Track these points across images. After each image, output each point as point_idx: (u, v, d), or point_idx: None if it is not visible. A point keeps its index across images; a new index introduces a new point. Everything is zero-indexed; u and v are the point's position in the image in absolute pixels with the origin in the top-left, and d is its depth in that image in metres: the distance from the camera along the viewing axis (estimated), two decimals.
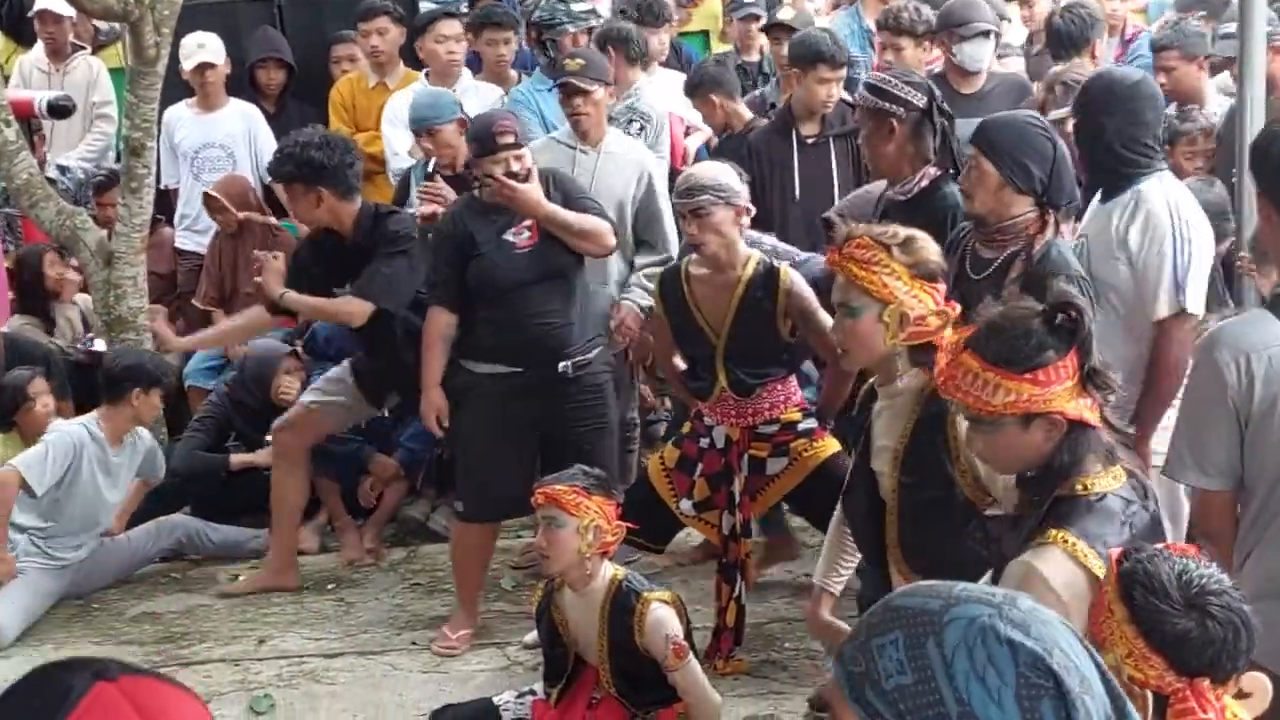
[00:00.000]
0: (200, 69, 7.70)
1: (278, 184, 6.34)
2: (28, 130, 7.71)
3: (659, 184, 6.10)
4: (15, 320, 7.33)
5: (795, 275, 5.07)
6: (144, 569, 6.42)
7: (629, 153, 6.16)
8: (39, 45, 8.54)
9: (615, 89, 6.52)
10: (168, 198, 7.85)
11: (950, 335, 3.08)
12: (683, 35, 9.26)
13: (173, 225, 7.91)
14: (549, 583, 4.38)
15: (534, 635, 4.95)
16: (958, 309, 3.47)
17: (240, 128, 7.80)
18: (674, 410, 6.75)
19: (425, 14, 7.77)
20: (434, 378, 5.41)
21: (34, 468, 5.87)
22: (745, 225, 5.09)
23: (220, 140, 7.77)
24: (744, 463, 5.09)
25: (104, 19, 7.96)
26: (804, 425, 5.10)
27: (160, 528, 6.44)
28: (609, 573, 4.24)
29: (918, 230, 3.59)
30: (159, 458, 6.38)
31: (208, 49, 7.71)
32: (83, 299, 7.46)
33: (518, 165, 5.26)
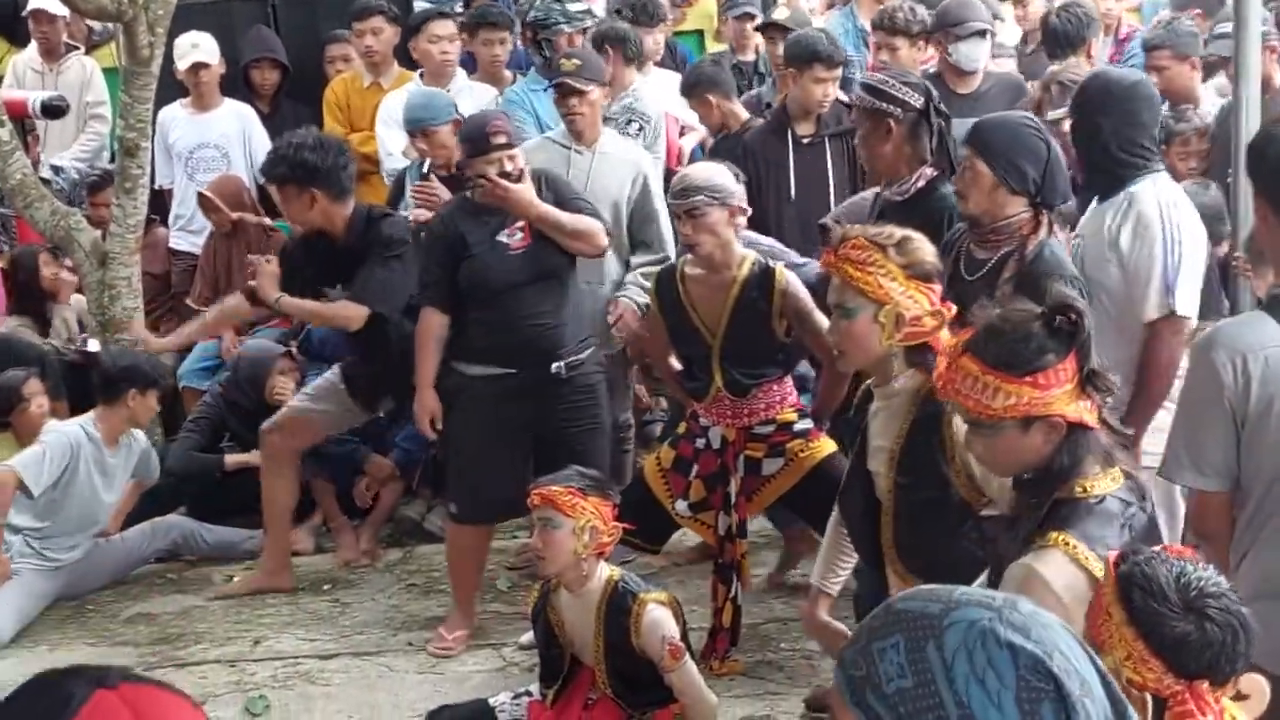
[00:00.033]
0: (194, 69, 7.68)
1: (271, 185, 6.34)
2: (21, 130, 7.69)
3: (654, 184, 6.09)
4: (10, 321, 7.32)
5: (790, 275, 5.07)
6: (139, 570, 6.42)
7: (624, 153, 6.15)
8: (33, 45, 8.52)
9: (612, 89, 6.51)
10: (162, 198, 7.84)
11: (949, 338, 3.08)
12: (677, 35, 9.25)
13: (167, 225, 7.90)
14: (545, 584, 4.38)
15: (530, 636, 4.95)
16: (953, 309, 3.47)
17: (235, 128, 7.79)
18: (670, 411, 6.74)
19: (419, 14, 7.77)
20: (427, 379, 5.40)
21: (31, 468, 5.86)
22: (741, 226, 5.08)
23: (215, 140, 7.76)
24: (740, 463, 5.08)
25: (98, 19, 7.94)
26: (800, 426, 5.09)
27: (155, 529, 6.43)
28: (605, 574, 4.24)
29: (913, 231, 3.59)
30: (153, 459, 6.37)
31: (202, 49, 7.70)
32: (78, 300, 7.45)
33: (510, 165, 5.24)
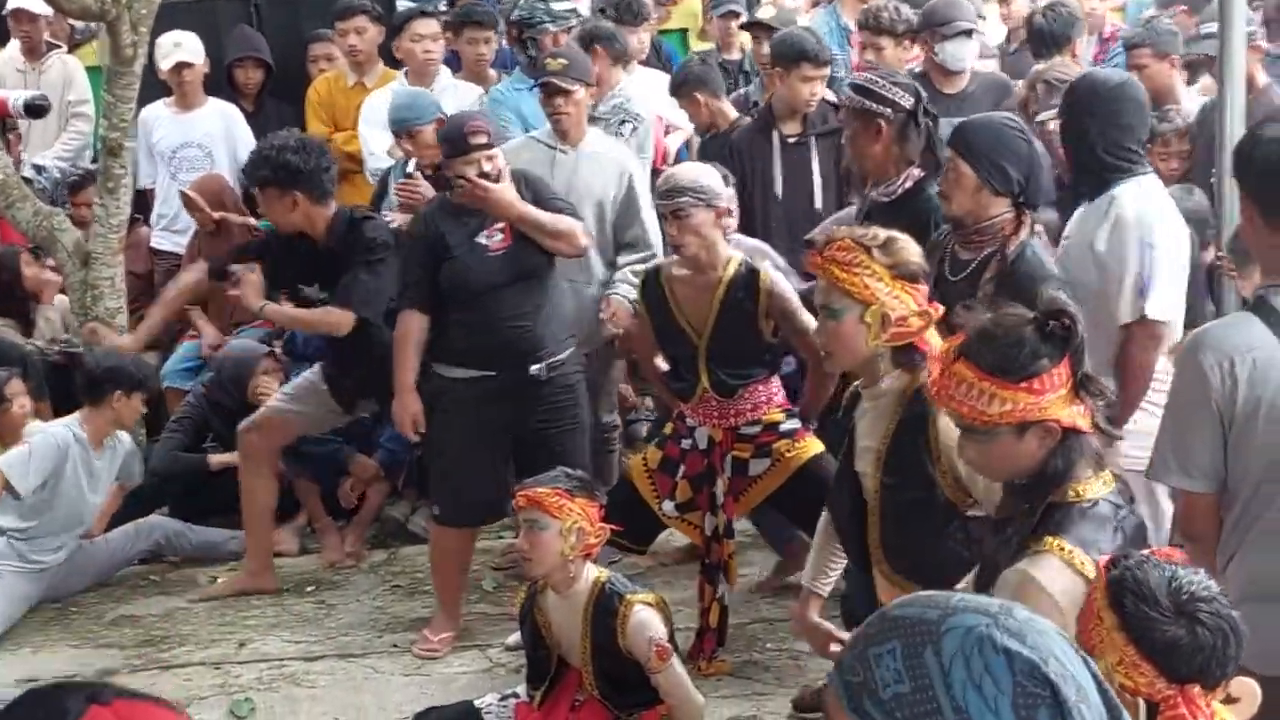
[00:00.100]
0: (178, 68, 7.64)
1: (253, 187, 6.30)
2: (2, 129, 7.66)
3: (639, 184, 6.07)
4: None
5: (776, 276, 5.08)
6: (122, 571, 6.39)
7: (609, 152, 6.13)
8: (14, 44, 8.48)
9: (598, 88, 6.50)
10: (145, 197, 7.81)
11: (941, 344, 3.08)
12: (662, 33, 9.23)
13: (150, 225, 7.87)
14: (532, 585, 4.37)
15: (516, 637, 4.95)
16: (940, 310, 3.48)
17: (219, 127, 7.75)
18: (656, 411, 6.74)
19: (402, 13, 7.75)
20: (407, 382, 5.37)
21: (17, 469, 5.84)
22: (731, 228, 5.08)
23: (198, 140, 7.72)
24: (726, 464, 5.08)
25: (81, 18, 7.92)
26: (786, 426, 5.09)
27: (139, 530, 6.40)
28: (592, 575, 4.23)
29: (898, 232, 3.59)
30: (137, 461, 6.34)
31: (185, 48, 7.66)
32: (62, 300, 7.42)
33: (489, 166, 5.22)
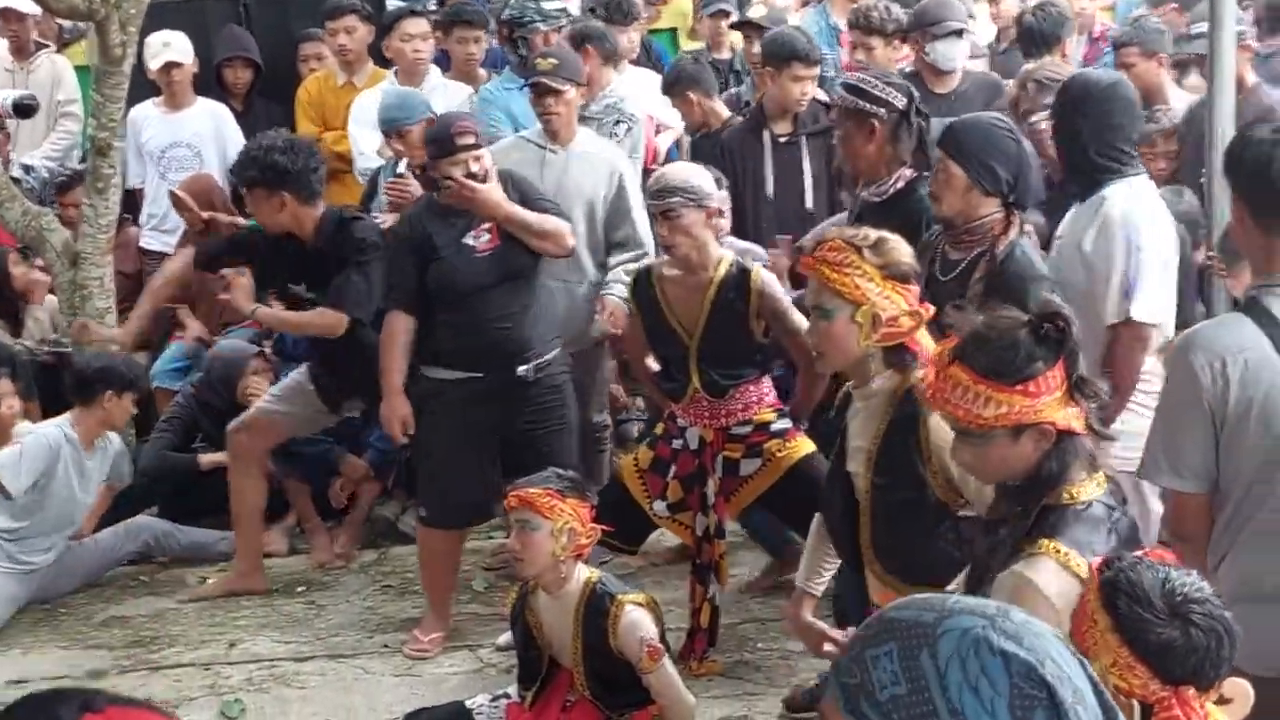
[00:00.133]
0: (166, 68, 7.62)
1: (241, 187, 6.29)
2: None
3: (630, 184, 6.06)
4: None
5: (768, 276, 5.09)
6: (112, 572, 6.37)
7: (599, 152, 6.12)
8: (2, 43, 8.45)
9: (590, 88, 6.49)
10: (134, 197, 7.79)
11: (935, 346, 3.08)
12: (652, 33, 9.23)
13: (139, 225, 7.85)
14: (523, 585, 4.37)
15: (507, 637, 4.94)
16: (931, 310, 3.48)
17: (208, 127, 7.74)
18: (648, 411, 6.73)
19: (391, 12, 7.73)
20: (395, 385, 5.35)
21: (8, 469, 5.82)
22: (724, 229, 5.08)
23: (187, 139, 7.70)
24: (718, 464, 5.08)
25: (69, 18, 7.89)
26: (777, 426, 5.09)
27: (129, 530, 6.39)
28: (583, 575, 4.23)
29: (889, 232, 3.59)
30: (126, 461, 6.33)
31: (174, 48, 7.64)
32: (51, 300, 7.39)
33: (476, 166, 5.21)
